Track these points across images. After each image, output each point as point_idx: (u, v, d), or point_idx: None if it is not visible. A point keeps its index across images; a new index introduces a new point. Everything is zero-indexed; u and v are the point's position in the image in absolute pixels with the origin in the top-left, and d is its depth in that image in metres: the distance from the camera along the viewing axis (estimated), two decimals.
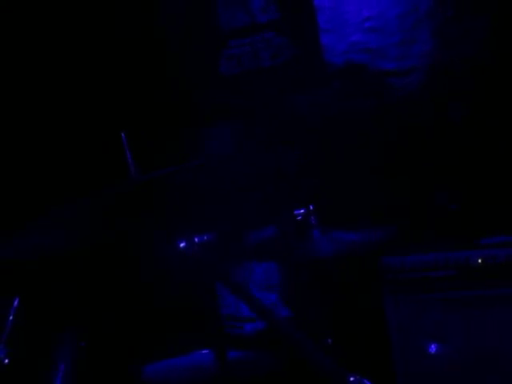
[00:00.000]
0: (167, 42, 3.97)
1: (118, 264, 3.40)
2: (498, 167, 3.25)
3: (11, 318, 2.35)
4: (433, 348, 2.88)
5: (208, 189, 2.38)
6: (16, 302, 2.36)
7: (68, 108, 3.71)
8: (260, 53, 3.76)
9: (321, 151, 3.55)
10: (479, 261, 2.88)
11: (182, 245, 2.08)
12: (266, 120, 3.69)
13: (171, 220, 2.14)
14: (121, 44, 3.83)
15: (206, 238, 2.16)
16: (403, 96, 3.47)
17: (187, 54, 3.94)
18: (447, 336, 2.87)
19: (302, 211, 2.80)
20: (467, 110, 3.33)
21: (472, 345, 2.83)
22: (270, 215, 3.16)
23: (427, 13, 3.39)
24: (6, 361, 2.28)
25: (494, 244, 2.94)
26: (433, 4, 3.37)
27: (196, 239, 2.09)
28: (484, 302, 2.84)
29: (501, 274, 2.84)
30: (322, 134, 3.58)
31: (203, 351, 2.87)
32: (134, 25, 3.88)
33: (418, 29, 3.41)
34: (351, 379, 1.66)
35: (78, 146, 3.64)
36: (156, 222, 2.21)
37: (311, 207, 2.79)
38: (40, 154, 3.60)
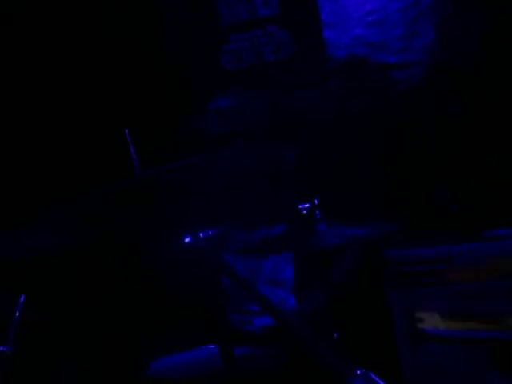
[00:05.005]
0: (167, 38, 3.96)
1: (122, 260, 3.40)
2: (499, 161, 3.25)
3: (17, 314, 2.36)
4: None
5: (212, 184, 2.38)
6: (22, 300, 2.37)
7: (69, 105, 3.71)
8: (261, 47, 3.76)
9: (324, 146, 3.55)
10: (482, 254, 2.89)
11: (186, 240, 2.09)
12: (268, 115, 3.68)
13: (175, 216, 2.14)
14: (121, 41, 3.82)
15: (210, 232, 2.16)
16: (405, 90, 3.47)
17: (188, 49, 3.93)
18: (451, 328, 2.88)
19: (306, 205, 2.80)
20: (468, 105, 3.34)
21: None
22: (274, 210, 3.17)
23: (429, 6, 3.39)
24: (12, 356, 2.29)
25: (496, 236, 2.95)
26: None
27: (201, 234, 2.09)
28: (486, 294, 2.84)
29: (503, 267, 2.85)
30: (325, 129, 3.58)
31: (209, 346, 2.88)
32: (134, 22, 3.87)
33: (419, 22, 3.41)
34: (357, 373, 1.66)
35: (79, 143, 3.64)
36: (161, 218, 2.21)
37: (316, 201, 2.79)
38: (41, 152, 3.60)
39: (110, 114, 3.66)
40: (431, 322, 2.89)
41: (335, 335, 2.78)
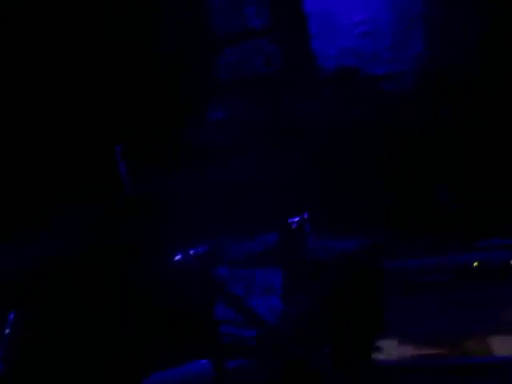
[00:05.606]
0: (161, 50, 3.95)
1: (114, 278, 3.39)
2: (491, 171, 3.26)
3: (7, 332, 2.35)
4: None
5: (203, 199, 2.38)
6: (11, 317, 2.36)
7: (63, 121, 3.69)
8: (254, 59, 3.76)
9: (316, 157, 3.55)
10: (476, 264, 2.90)
11: (177, 257, 2.09)
12: (261, 127, 3.68)
13: (166, 234, 2.14)
14: (115, 55, 3.82)
15: (200, 250, 2.17)
16: (396, 99, 3.47)
17: (181, 62, 3.93)
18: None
19: (296, 219, 2.80)
20: (458, 114, 3.34)
21: None
22: (266, 223, 3.16)
23: (418, 18, 3.40)
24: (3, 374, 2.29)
25: (490, 247, 2.96)
26: (424, 10, 3.37)
27: (191, 251, 2.09)
28: (482, 303, 2.86)
29: (496, 277, 2.87)
30: (317, 140, 3.57)
31: (201, 361, 2.87)
32: (127, 38, 3.86)
33: (409, 33, 3.41)
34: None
35: (73, 158, 3.62)
36: (151, 236, 2.21)
37: (306, 215, 2.79)
38: (33, 166, 3.58)
39: (103, 129, 3.65)
40: (386, 351, 2.87)
41: (329, 346, 2.77)
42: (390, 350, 2.83)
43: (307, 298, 2.91)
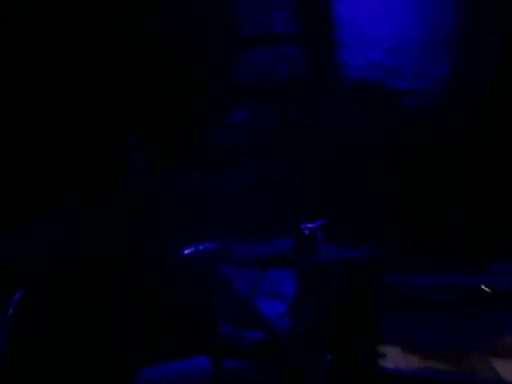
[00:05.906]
0: (183, 51, 3.96)
1: (119, 268, 3.39)
2: (505, 192, 3.25)
3: (12, 311, 2.36)
4: None
5: (215, 198, 2.37)
6: (17, 296, 2.37)
7: (64, 122, 3.69)
8: (277, 64, 3.76)
9: (330, 166, 3.55)
10: (483, 288, 2.89)
11: (186, 252, 2.09)
12: (280, 131, 3.69)
13: (176, 228, 2.15)
14: (133, 54, 3.82)
15: (211, 246, 2.17)
16: (414, 115, 3.47)
17: (203, 62, 3.93)
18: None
19: (310, 225, 2.80)
20: (477, 134, 3.34)
21: None
22: (279, 227, 3.16)
23: (445, 37, 3.39)
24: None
25: (500, 272, 2.95)
26: (451, 29, 3.36)
27: (201, 247, 2.09)
28: (487, 326, 2.85)
29: (504, 301, 2.86)
30: (334, 148, 3.57)
31: (200, 358, 2.87)
32: (147, 33, 3.87)
33: (434, 52, 3.41)
34: None
35: (73, 157, 3.62)
36: (160, 230, 2.21)
37: (319, 222, 2.79)
38: (33, 166, 3.57)
39: (105, 127, 3.65)
40: (393, 358, 2.86)
41: (329, 356, 2.77)
42: (393, 359, 2.82)
43: (312, 305, 2.91)
